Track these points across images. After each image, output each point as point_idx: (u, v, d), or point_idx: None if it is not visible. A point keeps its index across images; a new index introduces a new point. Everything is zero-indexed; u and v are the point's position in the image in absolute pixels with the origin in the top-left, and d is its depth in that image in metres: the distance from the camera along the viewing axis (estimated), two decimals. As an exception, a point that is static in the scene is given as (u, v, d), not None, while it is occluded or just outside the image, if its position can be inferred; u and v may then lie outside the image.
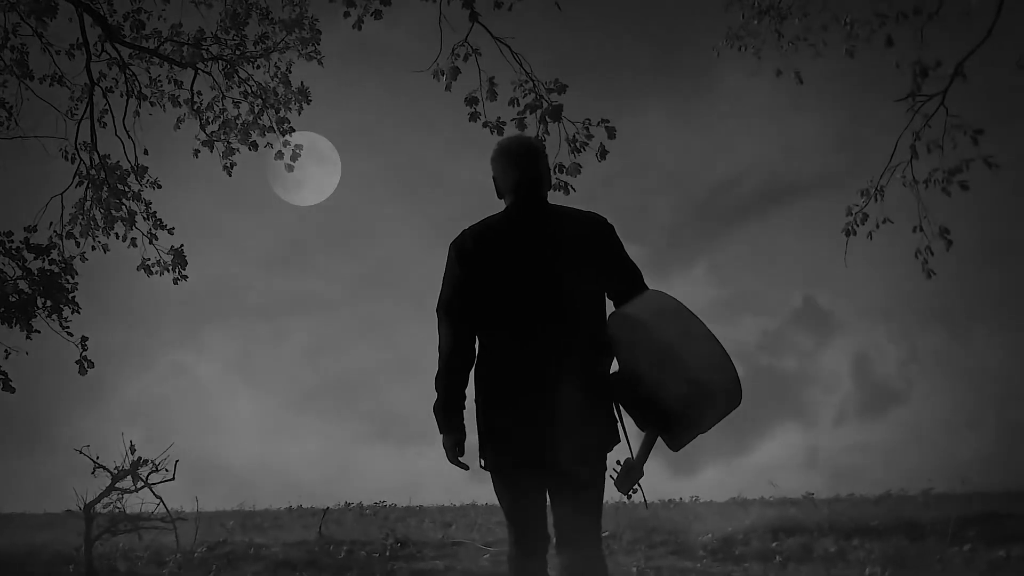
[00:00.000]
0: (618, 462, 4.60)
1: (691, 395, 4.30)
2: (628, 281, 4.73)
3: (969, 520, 10.10)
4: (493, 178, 4.97)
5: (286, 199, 14.46)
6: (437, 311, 4.74)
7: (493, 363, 4.66)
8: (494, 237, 4.71)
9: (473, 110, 10.36)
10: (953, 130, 10.92)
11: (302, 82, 13.20)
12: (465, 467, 4.72)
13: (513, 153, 4.91)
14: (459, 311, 4.68)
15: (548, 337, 4.53)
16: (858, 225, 11.88)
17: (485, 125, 10.34)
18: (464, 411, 4.71)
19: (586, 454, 4.60)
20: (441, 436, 4.71)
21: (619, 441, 4.65)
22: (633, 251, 4.82)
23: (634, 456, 4.57)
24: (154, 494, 10.45)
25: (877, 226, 11.76)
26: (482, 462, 4.69)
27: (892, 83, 11.27)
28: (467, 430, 4.74)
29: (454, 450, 4.69)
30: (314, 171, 13.90)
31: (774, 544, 9.85)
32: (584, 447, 4.57)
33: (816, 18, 12.30)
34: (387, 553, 10.47)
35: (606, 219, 4.81)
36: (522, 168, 4.85)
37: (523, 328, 4.57)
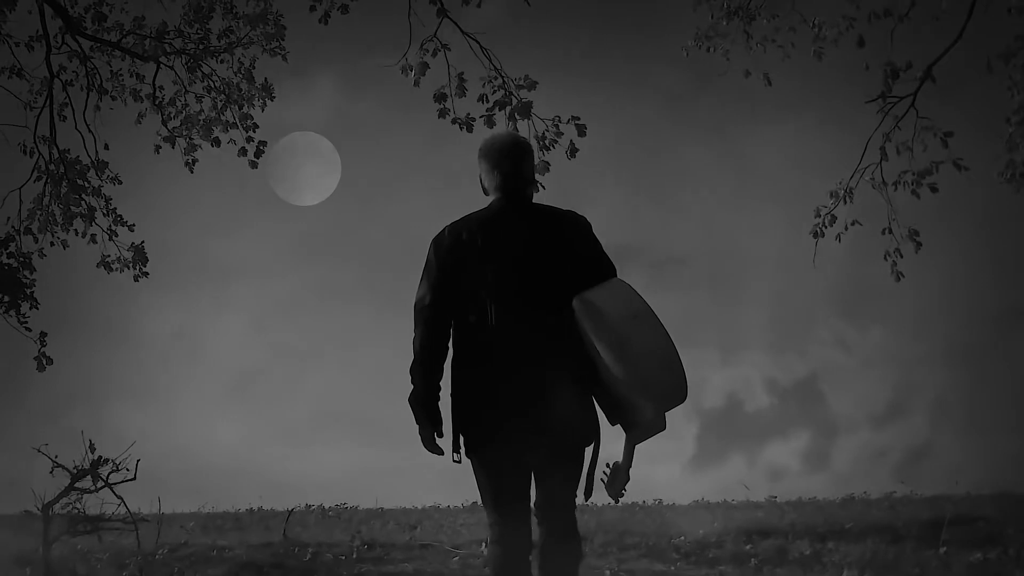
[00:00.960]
0: (608, 465, 4.57)
1: (635, 383, 4.27)
2: (604, 277, 4.66)
3: (943, 523, 10.08)
4: (479, 175, 4.94)
5: (287, 200, 14.38)
6: (415, 304, 4.71)
7: (470, 355, 4.62)
8: (473, 233, 4.66)
9: (442, 106, 10.29)
10: (923, 132, 10.91)
11: (266, 78, 13.02)
12: (441, 452, 4.66)
13: (499, 151, 4.87)
14: (435, 304, 4.64)
15: (525, 330, 4.50)
16: (827, 227, 11.86)
17: (454, 122, 10.28)
18: (439, 401, 4.66)
19: (567, 442, 4.58)
20: (417, 427, 4.64)
21: (597, 435, 4.62)
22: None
23: (619, 460, 4.52)
24: (115, 494, 10.23)
25: (846, 228, 11.75)
26: (455, 456, 4.64)
27: (862, 84, 11.27)
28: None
29: (431, 438, 4.64)
30: (313, 171, 13.80)
31: (748, 547, 9.80)
32: (565, 436, 4.54)
33: (785, 19, 12.27)
34: (354, 555, 10.33)
35: (584, 216, 4.81)
36: (507, 166, 4.81)
37: (500, 321, 4.53)
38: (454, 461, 4.65)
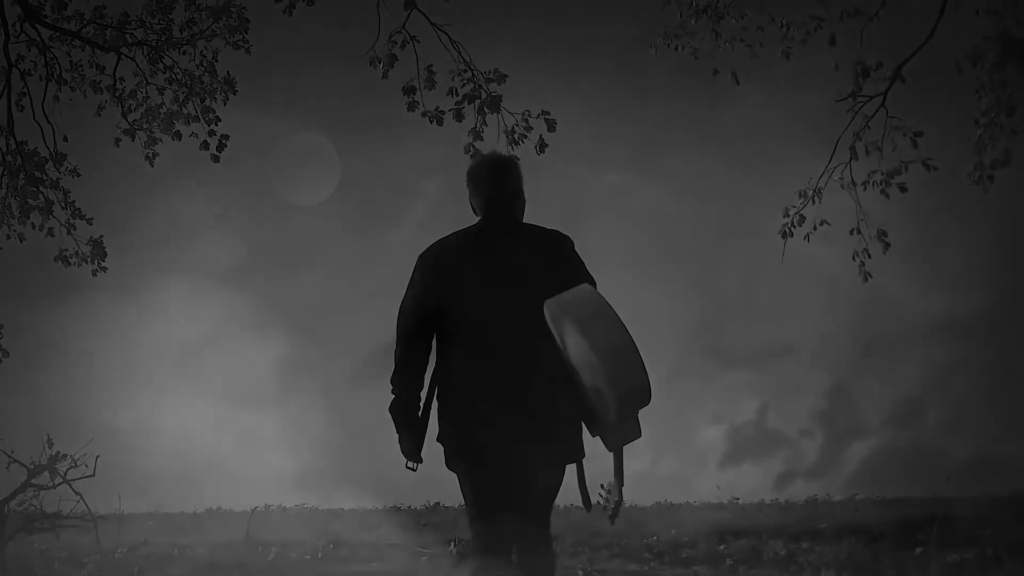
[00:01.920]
0: (603, 486, 4.64)
1: (597, 378, 4.33)
2: None
3: (915, 523, 10.07)
4: (469, 196, 5.07)
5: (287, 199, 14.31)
6: (398, 316, 4.85)
7: (453, 369, 4.72)
8: (458, 249, 4.81)
9: (411, 99, 10.17)
10: (893, 132, 10.88)
11: (228, 72, 12.83)
12: (420, 460, 4.80)
13: (484, 172, 5.04)
14: (417, 317, 4.78)
15: (508, 345, 4.60)
16: (795, 227, 11.79)
17: (424, 115, 10.17)
18: (419, 411, 4.77)
19: (549, 457, 4.68)
20: (397, 435, 4.76)
21: (581, 451, 4.72)
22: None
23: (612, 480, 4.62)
24: (73, 491, 10.06)
25: (815, 228, 11.69)
26: (412, 464, 4.79)
27: (833, 84, 11.23)
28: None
29: (411, 447, 4.75)
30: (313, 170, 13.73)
31: (722, 547, 9.74)
32: (547, 450, 4.63)
33: (753, 19, 12.21)
34: (320, 555, 10.19)
35: (568, 236, 4.93)
36: (491, 187, 4.97)
37: (483, 336, 4.64)
38: (408, 468, 4.80)
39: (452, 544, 10.14)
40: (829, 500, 15.53)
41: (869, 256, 11.39)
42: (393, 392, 4.76)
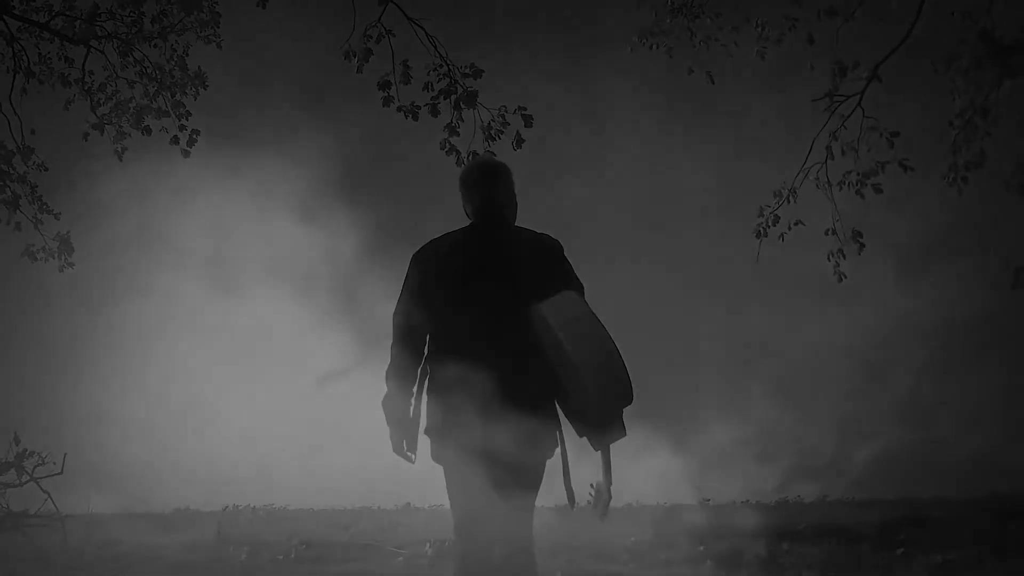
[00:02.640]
0: (592, 486, 4.69)
1: (580, 379, 4.40)
2: None
3: (895, 524, 10.06)
4: (462, 202, 5.14)
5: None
6: (393, 313, 4.96)
7: (442, 367, 4.78)
8: (450, 251, 4.92)
9: (386, 94, 10.09)
10: (869, 132, 10.88)
11: (199, 67, 12.74)
12: (409, 458, 4.85)
13: (475, 177, 5.14)
14: (411, 315, 4.88)
15: (495, 345, 4.69)
16: (770, 227, 11.76)
17: (399, 110, 10.10)
18: (411, 407, 4.86)
19: (526, 458, 4.69)
20: (389, 430, 4.84)
21: (556, 448, 4.80)
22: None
23: (600, 479, 4.68)
24: (41, 489, 9.92)
25: (789, 228, 11.67)
26: (411, 456, 4.86)
27: (808, 83, 11.22)
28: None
29: (401, 443, 4.82)
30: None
31: (701, 548, 9.68)
32: (525, 451, 4.65)
33: (728, 18, 12.21)
34: (292, 555, 10.09)
35: (557, 240, 5.03)
36: (481, 192, 5.06)
37: (472, 336, 4.73)
38: (409, 461, 4.86)
39: (428, 544, 10.06)
40: (800, 502, 15.54)
41: (844, 256, 11.38)
42: (387, 386, 4.83)
